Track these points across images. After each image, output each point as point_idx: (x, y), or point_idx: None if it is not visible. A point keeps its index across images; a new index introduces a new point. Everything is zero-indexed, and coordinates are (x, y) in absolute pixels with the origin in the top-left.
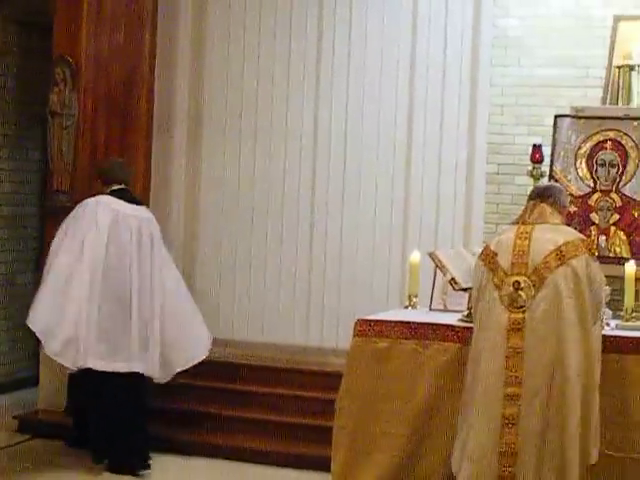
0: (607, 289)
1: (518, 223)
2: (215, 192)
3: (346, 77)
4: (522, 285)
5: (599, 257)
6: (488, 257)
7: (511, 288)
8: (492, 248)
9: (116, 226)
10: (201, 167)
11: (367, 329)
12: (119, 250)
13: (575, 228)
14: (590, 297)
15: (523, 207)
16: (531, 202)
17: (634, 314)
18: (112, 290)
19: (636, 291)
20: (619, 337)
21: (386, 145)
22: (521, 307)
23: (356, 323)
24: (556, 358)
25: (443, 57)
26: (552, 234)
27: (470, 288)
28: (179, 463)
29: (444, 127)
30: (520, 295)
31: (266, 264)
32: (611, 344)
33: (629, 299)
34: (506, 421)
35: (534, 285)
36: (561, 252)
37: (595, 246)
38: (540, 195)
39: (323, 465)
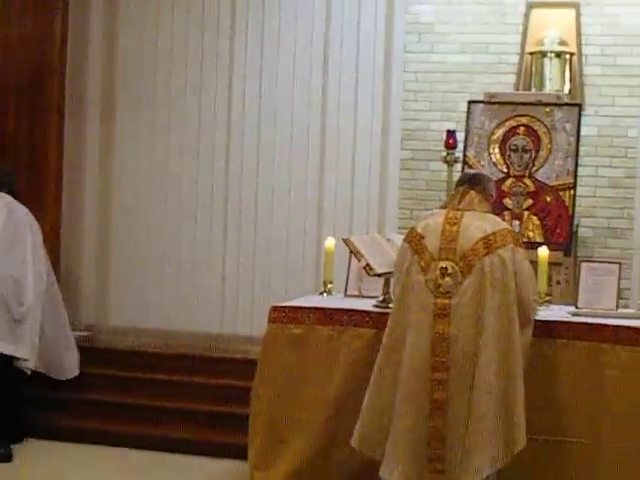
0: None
1: (446, 208)
2: (128, 184)
3: (259, 64)
4: (449, 271)
5: None
6: (414, 239)
7: (438, 273)
8: (419, 231)
9: (12, 215)
10: (114, 158)
11: (282, 315)
12: (15, 237)
13: None
14: (515, 289)
15: (452, 192)
16: (461, 188)
17: (547, 298)
18: (8, 276)
19: (549, 276)
20: (550, 322)
21: (300, 132)
22: (447, 293)
23: (271, 310)
24: (479, 346)
25: (356, 44)
26: (481, 222)
27: (385, 273)
28: (92, 453)
29: (358, 113)
30: (446, 281)
31: (180, 253)
32: (542, 329)
33: (542, 284)
34: (435, 405)
35: (461, 272)
36: (489, 241)
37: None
38: (469, 182)
39: (239, 453)
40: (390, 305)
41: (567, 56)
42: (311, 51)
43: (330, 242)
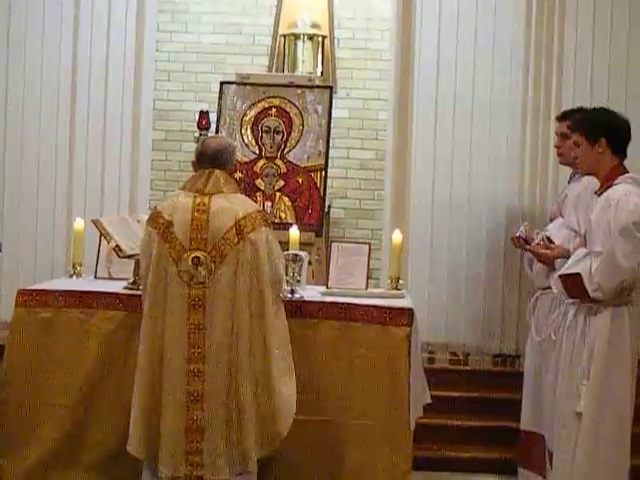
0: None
1: (191, 190)
2: None
3: (5, 50)
4: (202, 261)
5: None
6: (162, 227)
7: (190, 264)
8: (166, 217)
9: None
10: None
11: (29, 299)
12: None
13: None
14: (269, 271)
15: (194, 173)
16: (206, 171)
17: (298, 278)
18: None
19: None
20: (300, 302)
21: (49, 113)
22: (201, 283)
23: (18, 293)
24: (234, 334)
25: (107, 22)
26: (230, 206)
27: (135, 255)
28: None
29: (109, 94)
30: (199, 271)
31: None
32: (292, 309)
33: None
34: (191, 397)
35: (214, 261)
36: (240, 227)
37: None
38: (212, 161)
39: None
40: (141, 287)
41: (320, 39)
42: (60, 30)
43: (79, 223)
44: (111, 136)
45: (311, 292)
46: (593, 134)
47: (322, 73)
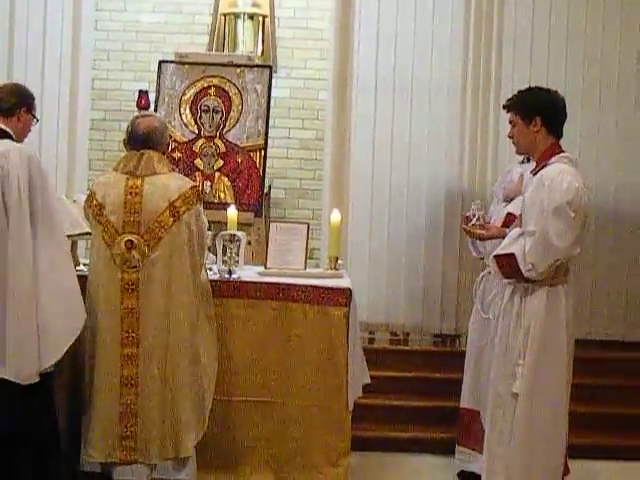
0: (209, 234)
1: (123, 172)
2: None
3: None
4: (135, 244)
5: (204, 203)
6: (96, 208)
7: (123, 247)
8: (99, 200)
9: None
10: None
11: None
12: None
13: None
14: (197, 243)
15: (126, 153)
16: (138, 153)
17: (237, 258)
18: None
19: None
20: (220, 282)
21: None
22: (134, 267)
23: None
24: (170, 318)
25: (44, 1)
26: (163, 188)
27: (71, 235)
28: None
29: (46, 74)
30: (133, 255)
31: None
32: (213, 288)
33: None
34: (125, 381)
35: (148, 245)
36: (175, 208)
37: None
38: (144, 143)
39: None
40: (78, 267)
41: (260, 18)
42: None
43: None
44: (49, 116)
45: (249, 272)
46: (528, 113)
47: (262, 52)
